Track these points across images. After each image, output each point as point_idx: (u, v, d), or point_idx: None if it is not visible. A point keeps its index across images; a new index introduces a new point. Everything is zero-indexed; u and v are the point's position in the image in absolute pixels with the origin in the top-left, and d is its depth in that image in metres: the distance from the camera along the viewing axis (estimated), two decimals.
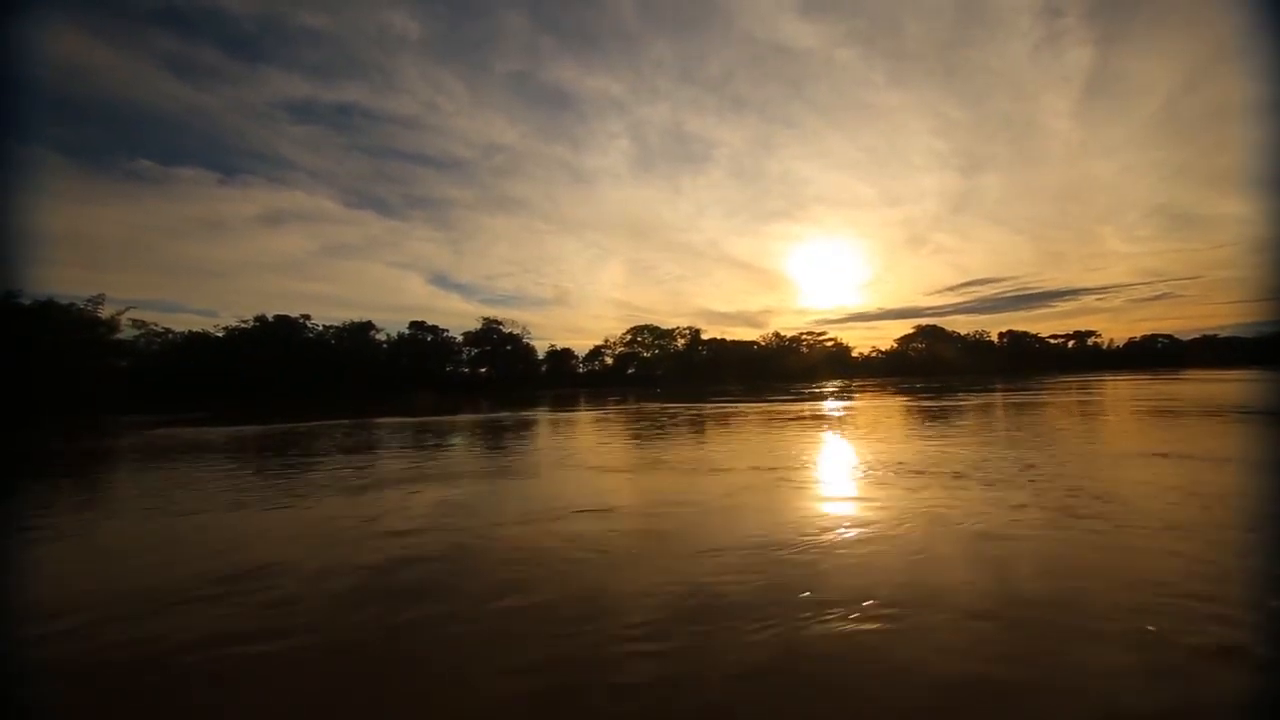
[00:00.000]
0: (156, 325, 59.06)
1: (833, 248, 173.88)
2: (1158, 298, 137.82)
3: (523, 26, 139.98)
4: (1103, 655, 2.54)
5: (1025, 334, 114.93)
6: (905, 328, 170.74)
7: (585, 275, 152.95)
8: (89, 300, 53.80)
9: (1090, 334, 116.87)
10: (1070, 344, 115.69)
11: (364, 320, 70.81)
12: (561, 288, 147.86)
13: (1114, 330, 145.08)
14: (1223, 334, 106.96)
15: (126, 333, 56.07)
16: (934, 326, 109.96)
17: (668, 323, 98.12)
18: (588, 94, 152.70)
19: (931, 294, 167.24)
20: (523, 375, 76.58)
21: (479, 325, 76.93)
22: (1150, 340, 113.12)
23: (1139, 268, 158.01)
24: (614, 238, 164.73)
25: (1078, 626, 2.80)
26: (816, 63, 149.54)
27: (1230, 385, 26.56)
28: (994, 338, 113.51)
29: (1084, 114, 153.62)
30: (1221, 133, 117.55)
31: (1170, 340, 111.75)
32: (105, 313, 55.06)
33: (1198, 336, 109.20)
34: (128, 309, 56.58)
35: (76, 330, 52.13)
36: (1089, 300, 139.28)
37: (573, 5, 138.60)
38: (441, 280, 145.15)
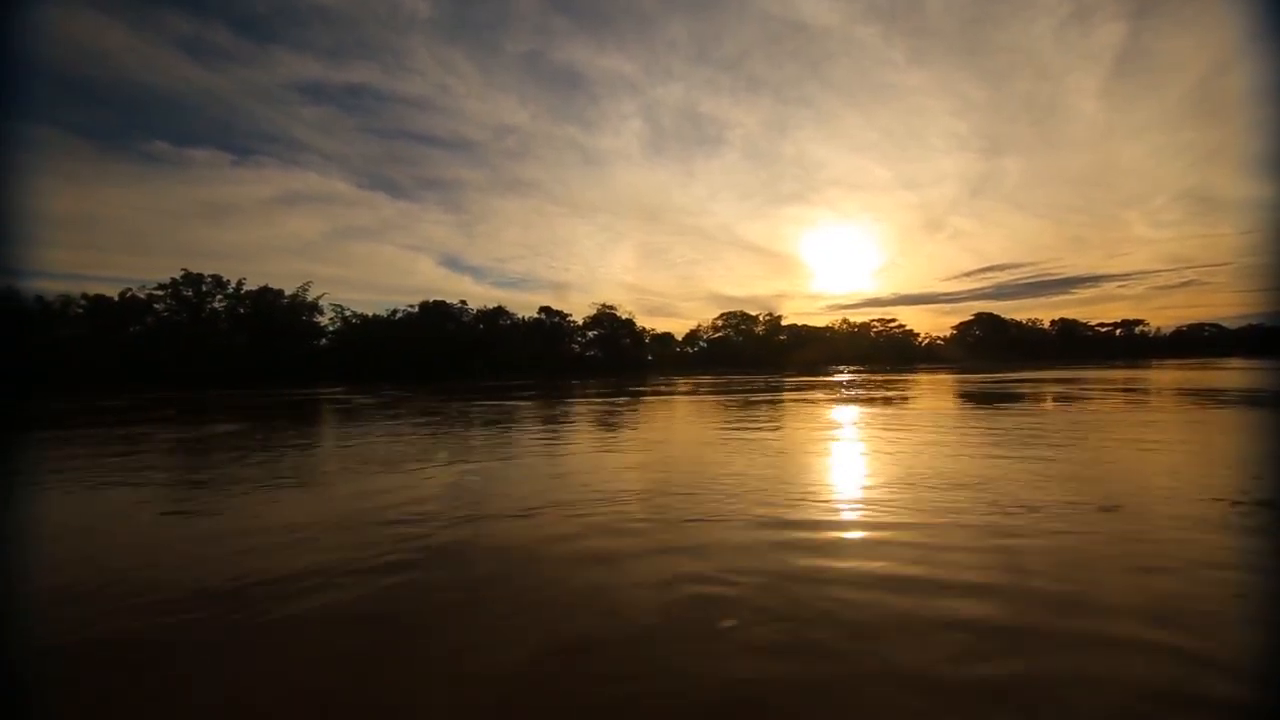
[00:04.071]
0: (347, 309, 67.98)
1: (847, 232, 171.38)
2: (1183, 285, 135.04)
3: (534, 5, 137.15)
4: None
5: (1076, 322, 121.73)
6: (920, 314, 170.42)
7: (596, 258, 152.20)
8: (301, 287, 62.68)
9: (1138, 323, 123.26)
10: (1118, 332, 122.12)
11: (497, 306, 79.53)
12: (573, 271, 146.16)
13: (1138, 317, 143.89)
14: (1264, 323, 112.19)
15: (325, 315, 65.02)
16: (991, 315, 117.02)
17: (678, 307, 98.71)
18: (600, 74, 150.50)
19: (948, 279, 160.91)
20: (631, 357, 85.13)
21: (594, 311, 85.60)
22: (1198, 328, 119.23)
23: (1164, 254, 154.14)
24: (625, 221, 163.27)
25: None
26: (835, 41, 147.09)
27: None
28: (1046, 325, 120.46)
29: (1111, 94, 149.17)
30: (1257, 115, 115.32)
31: (1218, 329, 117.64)
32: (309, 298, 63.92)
33: (1245, 325, 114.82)
34: (324, 294, 65.50)
35: (293, 312, 61.13)
36: (1110, 287, 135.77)
37: None
38: (453, 263, 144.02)
